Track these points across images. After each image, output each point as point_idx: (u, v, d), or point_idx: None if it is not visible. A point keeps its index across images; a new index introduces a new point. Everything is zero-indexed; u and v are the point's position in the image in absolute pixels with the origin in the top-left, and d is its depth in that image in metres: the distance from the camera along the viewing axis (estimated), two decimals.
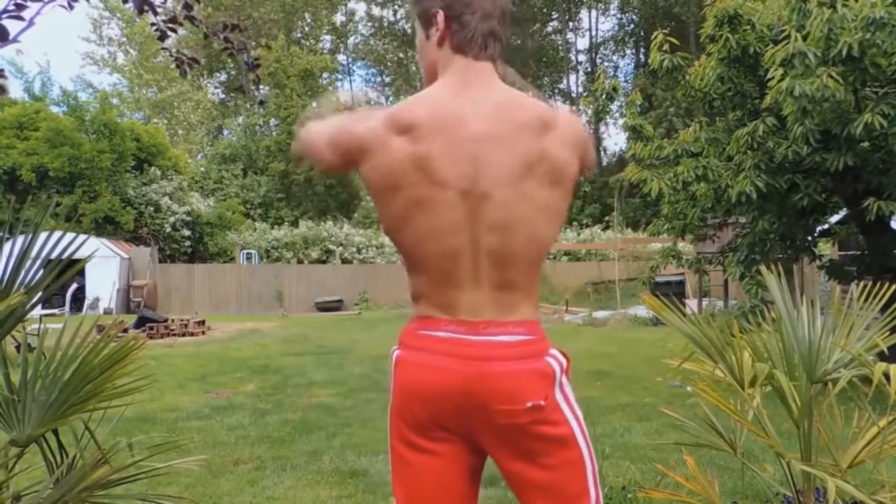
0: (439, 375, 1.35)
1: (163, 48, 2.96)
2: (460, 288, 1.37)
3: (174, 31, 2.83)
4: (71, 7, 2.50)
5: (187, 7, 2.78)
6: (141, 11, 2.70)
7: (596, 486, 1.42)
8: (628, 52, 38.90)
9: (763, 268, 2.46)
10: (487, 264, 1.36)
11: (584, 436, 1.42)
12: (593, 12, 38.40)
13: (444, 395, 1.35)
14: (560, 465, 1.39)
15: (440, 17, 1.44)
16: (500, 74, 1.49)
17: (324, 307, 18.75)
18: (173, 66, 3.09)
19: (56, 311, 14.98)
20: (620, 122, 9.99)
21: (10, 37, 2.18)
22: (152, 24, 2.82)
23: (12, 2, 2.21)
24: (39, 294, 1.94)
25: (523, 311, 1.39)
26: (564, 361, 1.43)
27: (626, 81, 35.22)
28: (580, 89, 37.64)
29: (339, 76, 38.89)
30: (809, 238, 7.37)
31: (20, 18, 2.21)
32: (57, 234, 2.00)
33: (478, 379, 1.33)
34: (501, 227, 1.34)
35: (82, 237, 2.25)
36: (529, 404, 1.34)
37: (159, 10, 2.80)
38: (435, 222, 1.34)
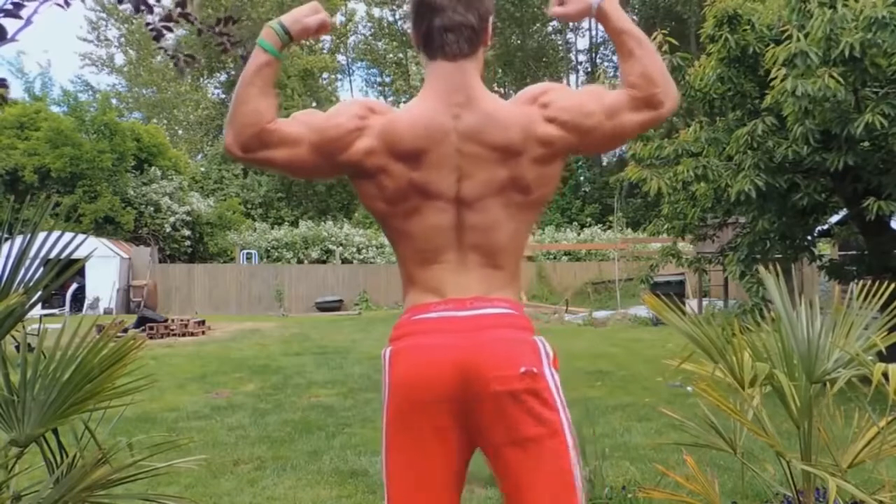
0: (437, 353, 1.39)
1: (159, 47, 2.95)
2: (447, 271, 1.46)
3: (169, 29, 2.82)
4: (68, 4, 2.49)
5: (182, 5, 2.77)
6: (137, 10, 2.69)
7: (578, 484, 1.41)
8: None
9: (761, 268, 2.46)
10: (472, 251, 1.47)
11: (571, 430, 1.42)
12: None
13: (443, 372, 1.38)
14: (548, 457, 1.39)
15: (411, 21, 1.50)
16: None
17: (324, 307, 18.73)
18: (172, 65, 3.07)
19: (56, 311, 14.98)
20: None
21: (9, 36, 2.18)
22: (147, 24, 2.81)
23: (9, 1, 2.21)
24: (39, 293, 1.94)
25: (507, 292, 1.49)
26: (552, 350, 1.46)
27: None
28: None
29: (339, 76, 38.91)
30: (809, 238, 7.37)
31: (18, 17, 2.20)
32: (55, 233, 2.00)
33: (472, 348, 1.39)
34: (482, 227, 1.46)
35: (81, 237, 2.25)
36: (523, 369, 1.38)
37: (156, 9, 2.79)
38: (425, 221, 1.46)
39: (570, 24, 37.70)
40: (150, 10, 2.75)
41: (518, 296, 1.53)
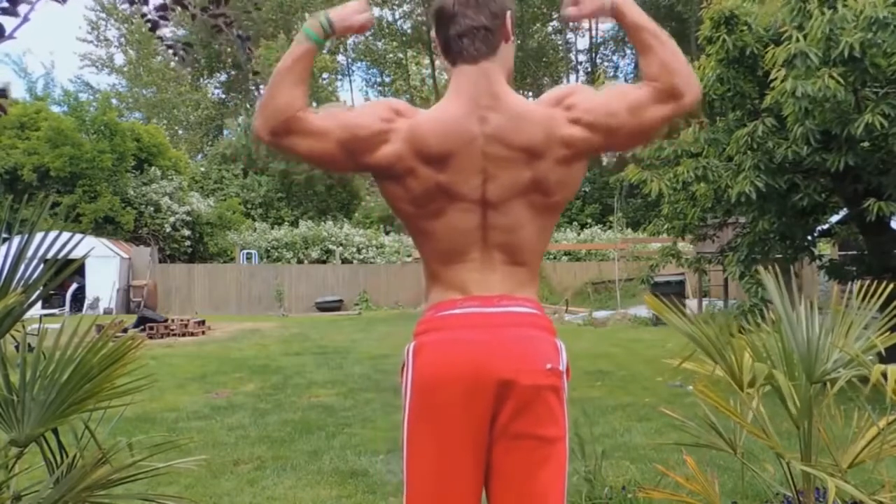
0: (462, 347, 1.42)
1: (157, 37, 2.93)
2: (472, 269, 1.49)
3: (165, 18, 2.81)
4: (64, 0, 2.48)
5: None
6: (132, 2, 2.69)
7: (564, 490, 1.47)
8: (628, 52, 38.86)
9: (760, 268, 2.46)
10: (496, 250, 1.49)
11: (567, 449, 1.47)
12: None
13: (469, 365, 1.40)
14: (556, 458, 1.45)
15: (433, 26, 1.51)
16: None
17: (324, 307, 18.73)
18: (170, 56, 3.07)
19: (56, 310, 14.98)
20: None
21: (7, 33, 2.18)
22: (143, 16, 2.79)
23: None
24: (37, 293, 1.94)
25: (530, 291, 1.52)
26: (567, 359, 1.49)
27: (626, 81, 35.17)
28: None
29: (339, 76, 38.88)
30: (809, 238, 7.37)
31: (14, 14, 2.20)
32: (54, 233, 2.00)
33: (498, 344, 1.42)
34: (506, 227, 1.48)
35: (79, 236, 2.25)
36: (549, 366, 1.43)
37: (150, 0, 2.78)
38: (450, 222, 1.48)
39: (570, 23, 37.67)
40: (146, 0, 2.75)
41: (538, 295, 1.56)
